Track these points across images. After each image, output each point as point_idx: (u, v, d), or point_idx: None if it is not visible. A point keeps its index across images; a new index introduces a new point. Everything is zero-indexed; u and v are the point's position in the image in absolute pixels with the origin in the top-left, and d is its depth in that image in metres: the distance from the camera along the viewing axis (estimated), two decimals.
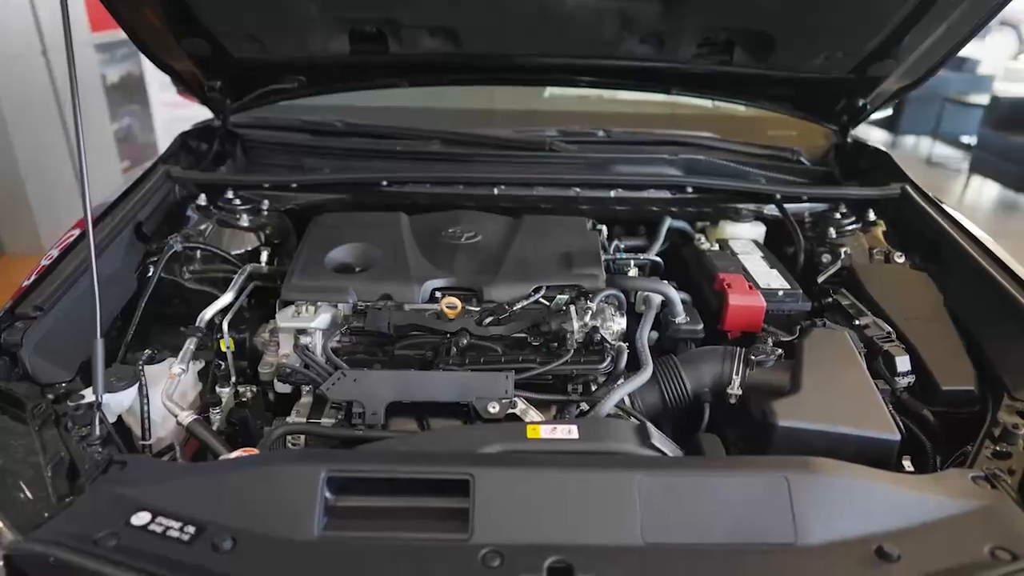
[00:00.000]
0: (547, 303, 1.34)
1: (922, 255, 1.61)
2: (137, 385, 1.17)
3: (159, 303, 1.46)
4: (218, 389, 1.30)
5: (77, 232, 1.50)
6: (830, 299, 1.46)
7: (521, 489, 0.91)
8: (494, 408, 1.13)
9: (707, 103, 2.29)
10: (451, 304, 1.33)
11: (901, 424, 1.13)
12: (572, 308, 1.27)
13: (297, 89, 1.87)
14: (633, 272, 1.51)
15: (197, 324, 1.34)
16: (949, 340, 1.31)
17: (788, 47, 1.63)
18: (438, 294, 1.37)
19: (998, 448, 1.07)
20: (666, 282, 1.38)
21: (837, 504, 0.91)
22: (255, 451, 1.01)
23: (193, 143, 2.01)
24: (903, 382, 1.24)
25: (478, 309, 1.33)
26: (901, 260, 1.59)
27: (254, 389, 1.34)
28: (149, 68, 6.27)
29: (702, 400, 1.23)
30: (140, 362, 1.25)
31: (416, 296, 1.34)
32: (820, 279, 1.54)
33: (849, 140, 2.02)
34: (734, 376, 1.21)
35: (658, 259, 1.59)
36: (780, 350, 1.23)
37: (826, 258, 1.61)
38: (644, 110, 2.37)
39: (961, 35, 1.60)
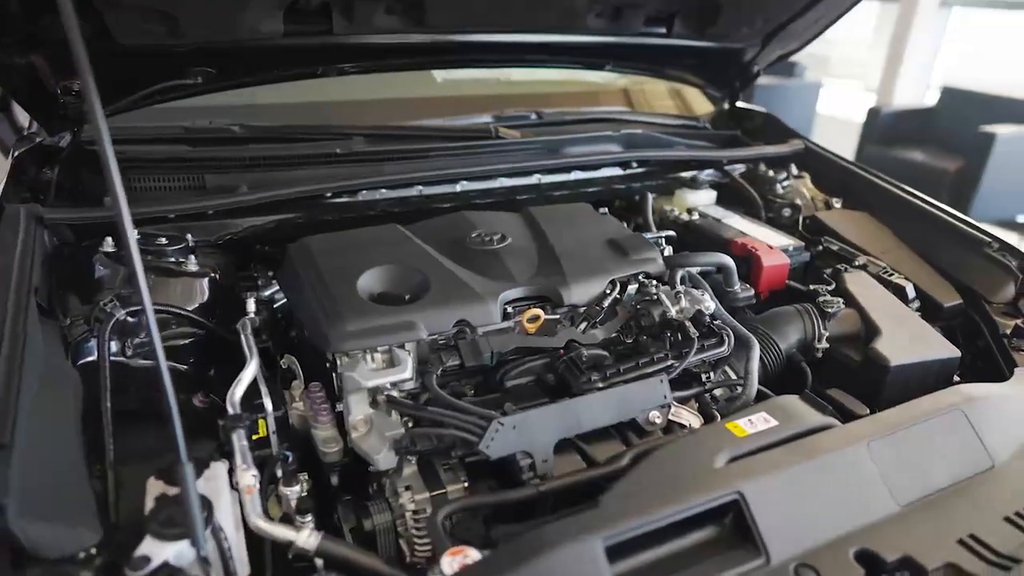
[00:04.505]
0: (619, 296, 1.26)
1: (842, 198, 1.86)
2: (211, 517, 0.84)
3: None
4: (283, 489, 0.98)
5: None
6: (820, 247, 1.61)
7: (786, 492, 0.87)
8: (657, 418, 1.04)
9: (596, 78, 2.33)
10: (533, 316, 1.19)
11: None
12: (662, 295, 1.22)
13: (200, 86, 1.44)
14: (668, 250, 1.49)
15: (234, 411, 0.99)
16: (924, 266, 1.55)
17: (729, 16, 1.72)
18: (509, 308, 1.20)
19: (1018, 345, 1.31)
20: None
21: (1001, 420, 1.03)
22: (468, 549, 0.79)
23: (32, 171, 1.45)
24: (913, 307, 1.43)
25: (556, 316, 1.21)
26: (838, 204, 1.82)
27: (308, 478, 1.04)
28: None
29: (794, 360, 1.28)
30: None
31: (495, 315, 1.16)
32: (800, 229, 1.69)
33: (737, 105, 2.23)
34: (821, 331, 1.28)
35: (672, 233, 1.60)
36: (842, 299, 1.33)
37: (786, 212, 1.77)
38: (537, 89, 2.32)
39: (844, 7, 1.86)
